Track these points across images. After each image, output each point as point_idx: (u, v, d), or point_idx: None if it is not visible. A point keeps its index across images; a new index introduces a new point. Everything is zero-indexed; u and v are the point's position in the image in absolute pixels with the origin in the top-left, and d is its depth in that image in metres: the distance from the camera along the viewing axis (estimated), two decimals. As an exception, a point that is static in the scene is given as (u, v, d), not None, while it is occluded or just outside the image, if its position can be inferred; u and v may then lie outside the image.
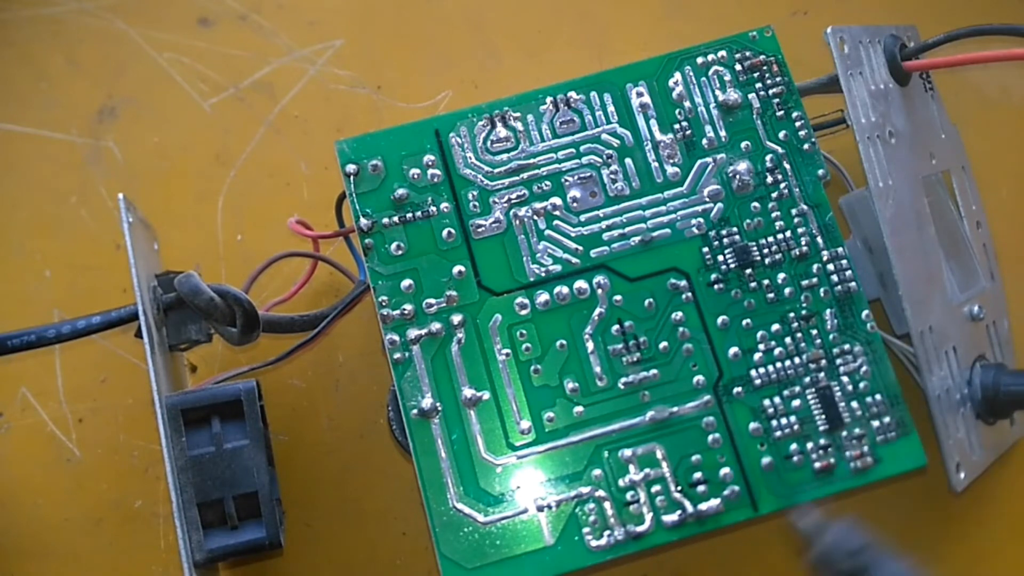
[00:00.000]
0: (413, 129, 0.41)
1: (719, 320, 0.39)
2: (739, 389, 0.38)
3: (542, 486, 0.38)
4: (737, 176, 0.40)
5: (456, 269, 0.39)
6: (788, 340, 0.39)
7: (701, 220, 0.40)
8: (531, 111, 0.41)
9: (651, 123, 0.41)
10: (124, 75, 0.49)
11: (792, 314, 0.39)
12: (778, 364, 0.39)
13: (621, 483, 0.38)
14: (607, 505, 0.37)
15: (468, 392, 0.38)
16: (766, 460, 0.38)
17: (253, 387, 0.39)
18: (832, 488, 0.38)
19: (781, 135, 0.41)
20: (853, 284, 0.39)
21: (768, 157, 0.40)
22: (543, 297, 0.39)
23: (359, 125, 0.48)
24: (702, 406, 0.38)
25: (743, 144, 0.41)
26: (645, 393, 0.38)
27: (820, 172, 0.40)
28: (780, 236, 0.40)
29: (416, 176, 0.40)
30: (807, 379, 0.39)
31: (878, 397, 0.38)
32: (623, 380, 0.38)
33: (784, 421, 0.38)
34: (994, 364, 0.42)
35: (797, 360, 0.39)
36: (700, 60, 0.41)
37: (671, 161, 0.41)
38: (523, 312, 0.39)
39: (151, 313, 0.40)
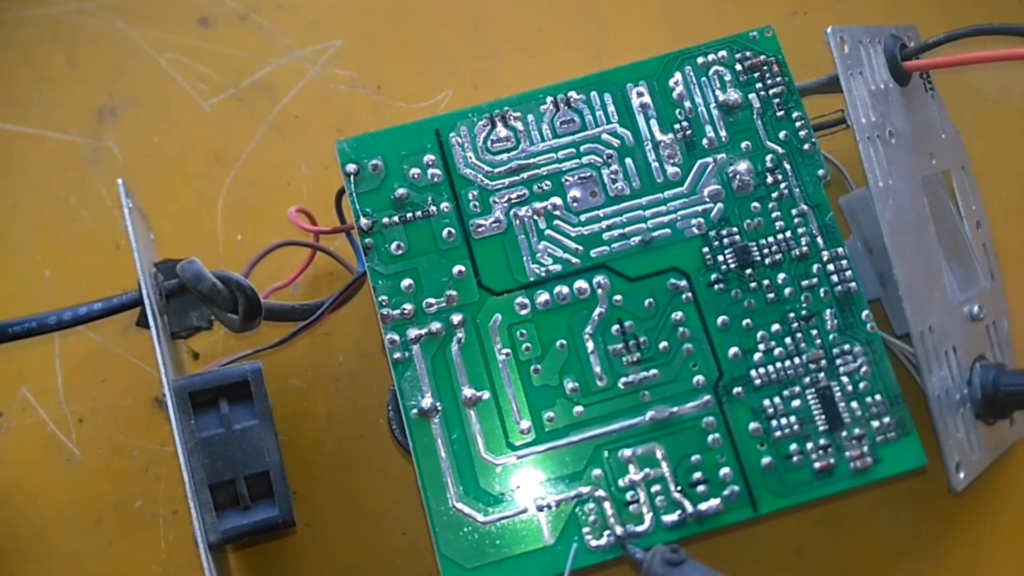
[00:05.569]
0: (413, 129, 0.41)
1: (719, 320, 0.39)
2: (739, 389, 0.38)
3: (542, 486, 0.38)
4: (737, 176, 0.40)
5: (456, 269, 0.39)
6: (788, 340, 0.39)
7: (701, 220, 0.40)
8: (531, 111, 0.41)
9: (651, 123, 0.41)
10: (124, 75, 0.49)
11: (792, 314, 0.39)
12: (778, 364, 0.39)
13: (621, 483, 0.37)
14: (607, 505, 0.37)
15: (468, 392, 0.38)
16: (766, 460, 0.38)
17: (259, 368, 0.39)
18: (832, 488, 0.38)
19: (781, 135, 0.41)
20: (853, 284, 0.39)
21: (768, 157, 0.40)
22: (543, 297, 0.39)
23: (359, 125, 0.48)
24: (702, 406, 0.38)
25: (743, 144, 0.41)
26: (645, 393, 0.38)
27: (820, 172, 0.40)
28: (780, 236, 0.40)
29: (416, 176, 0.40)
30: (807, 379, 0.39)
31: (878, 397, 0.38)
32: (623, 380, 0.38)
33: (784, 421, 0.38)
34: (994, 364, 0.42)
35: (797, 360, 0.39)
36: (700, 60, 0.41)
37: (671, 161, 0.41)
38: (523, 312, 0.39)
39: (155, 298, 0.40)
